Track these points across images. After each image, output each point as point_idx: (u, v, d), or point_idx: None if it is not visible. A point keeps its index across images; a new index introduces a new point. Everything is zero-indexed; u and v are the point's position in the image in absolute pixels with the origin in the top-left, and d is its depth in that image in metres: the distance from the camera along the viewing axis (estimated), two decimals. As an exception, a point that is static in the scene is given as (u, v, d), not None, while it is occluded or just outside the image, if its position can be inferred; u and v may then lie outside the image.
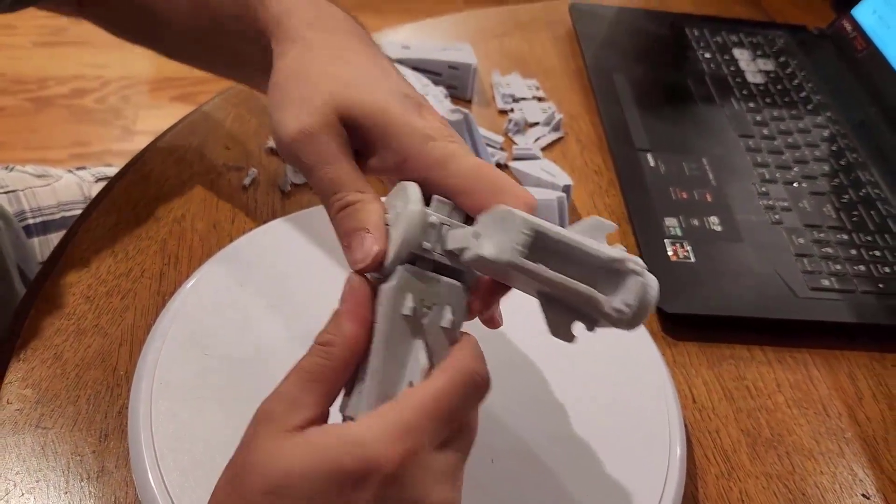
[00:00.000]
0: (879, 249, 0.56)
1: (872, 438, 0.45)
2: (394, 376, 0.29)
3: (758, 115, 0.68)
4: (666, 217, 0.55)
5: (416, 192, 0.31)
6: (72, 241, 0.48)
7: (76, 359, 0.42)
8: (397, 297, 0.29)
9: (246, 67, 0.45)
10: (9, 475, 0.36)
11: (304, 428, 0.27)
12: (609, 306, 0.28)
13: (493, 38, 0.74)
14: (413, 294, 0.30)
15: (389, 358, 0.29)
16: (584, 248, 0.28)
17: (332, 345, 0.29)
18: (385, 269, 0.31)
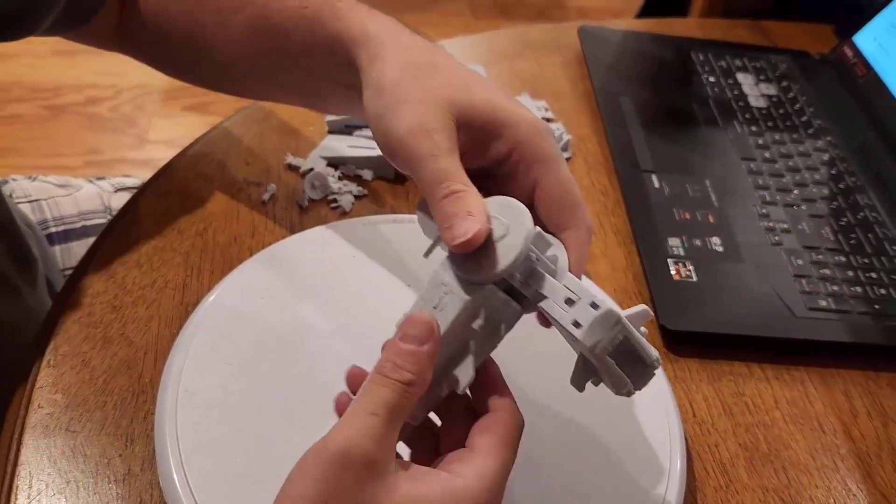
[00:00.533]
0: (876, 271, 0.57)
1: (866, 455, 0.47)
2: (440, 380, 0.32)
3: (760, 138, 0.70)
4: (669, 237, 0.57)
5: (528, 212, 0.32)
6: (99, 252, 0.50)
7: (103, 366, 0.44)
8: (475, 310, 0.32)
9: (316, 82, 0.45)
10: (41, 475, 0.38)
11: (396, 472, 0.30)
12: (628, 388, 0.32)
13: (505, 60, 0.76)
14: (486, 310, 0.32)
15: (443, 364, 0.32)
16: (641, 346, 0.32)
17: (413, 385, 0.30)
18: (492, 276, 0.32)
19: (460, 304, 0.32)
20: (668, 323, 0.51)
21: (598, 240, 0.58)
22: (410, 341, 0.31)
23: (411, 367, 0.30)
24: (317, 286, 0.46)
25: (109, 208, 0.74)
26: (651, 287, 0.53)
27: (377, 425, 0.29)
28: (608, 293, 0.51)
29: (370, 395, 0.30)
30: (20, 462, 0.39)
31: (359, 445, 0.29)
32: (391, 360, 0.31)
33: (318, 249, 0.49)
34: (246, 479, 0.37)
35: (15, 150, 0.92)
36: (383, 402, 0.30)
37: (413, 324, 0.31)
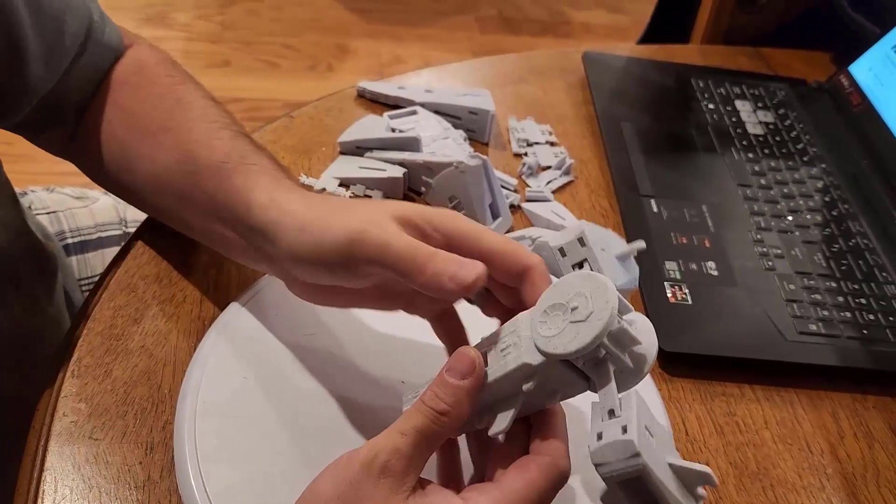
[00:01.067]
0: (865, 297, 0.60)
1: (852, 475, 0.49)
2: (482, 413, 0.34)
3: (756, 165, 0.72)
4: (666, 261, 0.59)
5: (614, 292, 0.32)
6: (120, 266, 0.52)
7: (124, 377, 0.46)
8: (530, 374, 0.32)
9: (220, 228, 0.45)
10: (66, 481, 0.40)
11: (413, 489, 0.32)
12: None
13: (510, 84, 0.79)
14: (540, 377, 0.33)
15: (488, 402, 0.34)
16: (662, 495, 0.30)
17: (448, 416, 0.33)
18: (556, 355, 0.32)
19: (517, 362, 0.33)
20: (663, 344, 0.53)
21: (598, 262, 0.60)
22: (453, 375, 0.33)
23: (448, 398, 0.33)
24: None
25: (125, 220, 0.76)
26: (648, 309, 0.55)
27: (404, 444, 0.32)
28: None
29: (407, 417, 0.33)
30: (46, 468, 0.41)
31: (382, 457, 0.32)
32: (433, 389, 0.33)
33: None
34: (261, 488, 0.39)
35: (29, 157, 0.95)
36: (415, 426, 0.32)
37: (459, 359, 0.33)
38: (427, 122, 0.66)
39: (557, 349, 0.32)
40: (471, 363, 0.33)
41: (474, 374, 0.33)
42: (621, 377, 0.33)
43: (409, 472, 0.32)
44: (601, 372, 0.32)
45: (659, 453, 0.30)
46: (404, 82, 0.74)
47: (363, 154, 0.63)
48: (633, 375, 0.33)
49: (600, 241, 0.37)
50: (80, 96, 0.52)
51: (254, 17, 2.20)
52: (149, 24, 2.09)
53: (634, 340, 0.32)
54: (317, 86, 1.95)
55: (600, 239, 0.37)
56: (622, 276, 0.37)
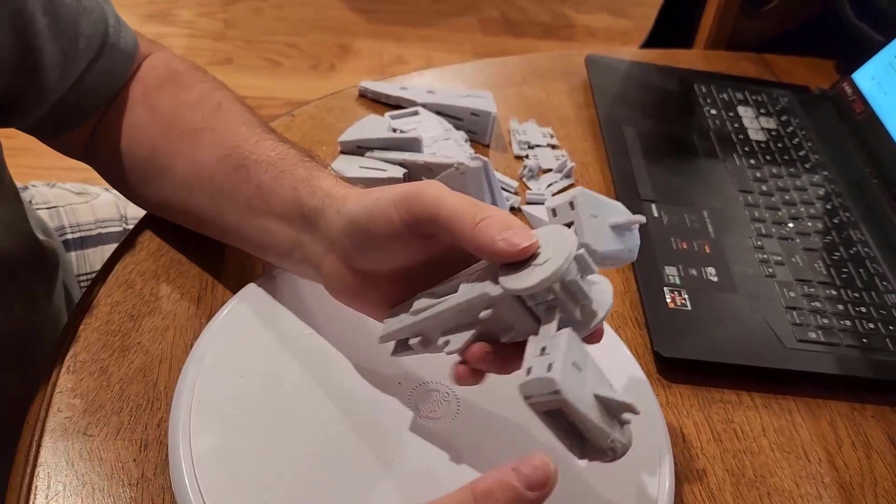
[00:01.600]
0: (865, 306, 0.59)
1: (849, 484, 0.49)
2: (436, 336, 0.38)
3: (758, 171, 0.72)
4: (666, 266, 0.59)
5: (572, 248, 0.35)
6: (118, 263, 0.52)
7: (120, 373, 0.46)
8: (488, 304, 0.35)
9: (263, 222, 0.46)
10: (59, 477, 0.40)
11: None
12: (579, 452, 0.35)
13: (512, 86, 0.79)
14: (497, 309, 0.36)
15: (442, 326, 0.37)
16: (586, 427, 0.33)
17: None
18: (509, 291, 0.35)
19: (478, 292, 0.36)
20: (662, 350, 0.53)
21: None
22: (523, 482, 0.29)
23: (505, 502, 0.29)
24: (329, 301, 0.48)
25: (125, 216, 0.76)
26: (647, 314, 0.55)
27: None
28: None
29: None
30: (39, 463, 0.41)
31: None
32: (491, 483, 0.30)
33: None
34: (255, 488, 0.39)
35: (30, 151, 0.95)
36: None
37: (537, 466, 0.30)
38: (428, 122, 0.66)
39: (511, 285, 0.35)
40: (545, 477, 0.29)
41: (546, 488, 0.29)
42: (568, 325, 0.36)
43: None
44: (549, 315, 0.36)
45: (588, 386, 0.33)
46: (406, 83, 0.74)
47: (364, 154, 0.63)
48: (580, 328, 0.36)
49: (597, 208, 0.38)
50: (96, 100, 0.52)
51: (257, 15, 2.20)
52: (152, 21, 2.09)
53: (586, 296, 0.36)
54: (318, 85, 1.95)
55: (597, 206, 0.39)
56: (610, 244, 0.38)
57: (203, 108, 0.50)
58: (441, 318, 0.39)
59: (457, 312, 0.38)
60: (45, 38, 0.46)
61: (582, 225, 0.37)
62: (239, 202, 0.46)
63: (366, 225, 0.39)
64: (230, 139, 0.48)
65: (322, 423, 0.42)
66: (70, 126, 0.53)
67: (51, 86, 0.48)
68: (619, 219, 0.39)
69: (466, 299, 0.37)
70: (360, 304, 0.44)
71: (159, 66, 0.53)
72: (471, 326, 0.38)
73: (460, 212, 0.36)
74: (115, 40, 0.51)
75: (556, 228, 0.36)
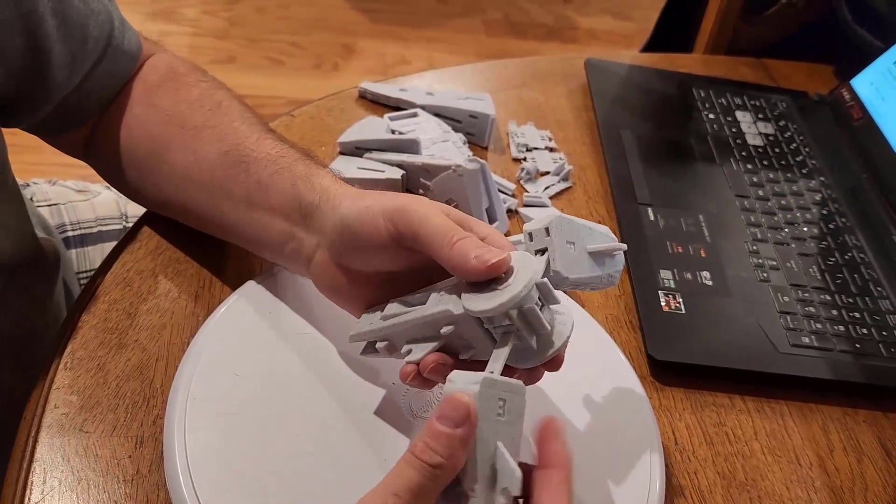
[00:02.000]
0: (859, 311, 0.60)
1: (840, 489, 0.49)
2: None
3: (755, 176, 0.72)
4: (661, 269, 0.59)
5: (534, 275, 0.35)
6: (117, 261, 0.52)
7: (117, 370, 0.46)
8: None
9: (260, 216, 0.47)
10: (55, 472, 0.41)
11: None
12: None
13: (512, 89, 0.79)
14: (458, 328, 0.36)
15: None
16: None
17: (443, 468, 0.31)
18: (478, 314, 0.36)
19: (441, 308, 0.37)
20: (655, 353, 0.53)
21: (594, 268, 0.61)
22: (446, 423, 0.31)
23: (442, 449, 0.31)
24: (323, 302, 0.49)
25: (125, 215, 0.77)
26: (641, 317, 0.56)
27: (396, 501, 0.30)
28: (600, 321, 0.54)
29: (397, 474, 0.31)
30: (35, 459, 0.41)
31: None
32: (424, 440, 0.31)
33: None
34: (249, 485, 0.39)
35: (33, 148, 0.95)
36: (407, 485, 0.30)
37: (452, 405, 0.31)
38: (427, 124, 0.66)
39: (470, 305, 0.36)
40: (465, 409, 0.31)
41: (468, 421, 0.31)
42: (524, 353, 0.37)
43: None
44: (503, 341, 0.36)
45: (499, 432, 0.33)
46: (406, 84, 0.74)
47: (362, 155, 0.63)
48: (535, 356, 0.37)
49: (576, 234, 0.39)
50: (99, 100, 0.52)
51: (260, 14, 2.20)
52: (156, 19, 2.10)
53: (543, 325, 0.36)
54: (321, 84, 1.95)
55: (576, 232, 0.39)
56: (586, 270, 0.39)
57: (203, 107, 0.50)
58: (406, 328, 0.40)
59: (421, 325, 0.39)
60: (54, 39, 0.47)
61: (555, 251, 0.38)
62: (237, 197, 0.47)
63: (355, 229, 0.41)
64: (230, 137, 0.48)
65: (316, 422, 0.43)
66: (72, 126, 0.53)
67: (57, 86, 0.49)
68: (598, 245, 0.39)
69: (430, 313, 0.38)
70: (343, 300, 0.45)
71: (161, 65, 0.54)
72: (434, 339, 0.39)
73: (440, 232, 0.37)
74: (119, 42, 0.52)
75: (525, 255, 0.37)
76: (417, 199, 0.40)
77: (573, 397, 0.47)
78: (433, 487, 0.31)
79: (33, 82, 0.47)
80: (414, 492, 0.30)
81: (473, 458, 0.32)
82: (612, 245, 0.40)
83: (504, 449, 0.32)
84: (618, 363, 0.50)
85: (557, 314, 0.37)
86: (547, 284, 0.36)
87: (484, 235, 0.39)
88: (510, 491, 0.31)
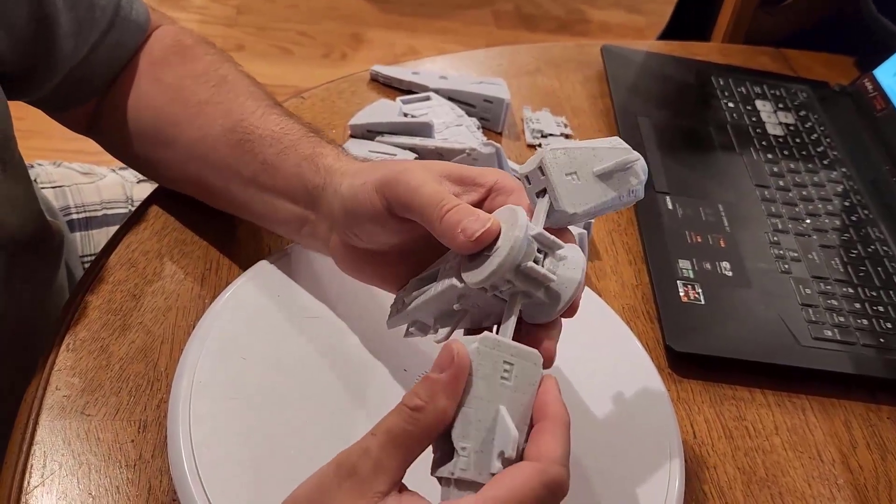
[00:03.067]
0: (883, 305, 0.58)
1: (863, 486, 0.48)
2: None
3: (775, 166, 0.70)
4: (680, 259, 0.58)
5: (521, 232, 0.33)
6: (121, 242, 0.51)
7: (120, 353, 0.45)
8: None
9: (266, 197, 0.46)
10: (55, 456, 0.39)
11: (385, 494, 0.29)
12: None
13: (527, 75, 0.77)
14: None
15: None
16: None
17: (422, 412, 0.30)
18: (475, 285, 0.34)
19: (446, 284, 0.36)
20: (674, 344, 0.51)
21: (609, 257, 0.59)
22: (434, 369, 0.31)
23: (423, 393, 0.30)
24: (333, 285, 0.47)
25: (131, 199, 0.75)
26: (659, 307, 0.54)
27: (373, 444, 0.30)
28: (617, 310, 0.52)
29: (382, 419, 0.31)
30: (35, 441, 0.40)
31: (347, 458, 0.30)
32: (415, 392, 0.31)
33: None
34: (254, 470, 0.38)
35: (42, 133, 0.94)
36: (385, 426, 0.30)
37: (441, 353, 0.31)
38: (440, 108, 0.65)
39: (468, 278, 0.34)
40: (449, 356, 0.30)
41: (454, 367, 0.30)
42: (538, 308, 0.35)
43: (378, 475, 0.29)
44: (512, 302, 0.34)
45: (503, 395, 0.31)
46: (419, 68, 0.73)
47: (374, 138, 0.62)
48: (549, 308, 0.35)
49: (576, 162, 0.35)
50: (106, 73, 0.51)
51: (269, 2, 2.19)
52: (164, 5, 2.07)
53: (547, 278, 0.34)
54: (329, 73, 1.91)
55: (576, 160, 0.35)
56: (597, 196, 0.35)
57: (209, 81, 0.49)
58: (424, 309, 0.38)
59: (434, 303, 0.37)
60: (60, 7, 0.46)
61: (555, 189, 0.35)
62: (245, 177, 0.46)
63: (353, 208, 0.40)
64: (235, 112, 0.47)
65: (324, 408, 0.41)
66: (79, 100, 0.52)
67: (64, 56, 0.48)
68: (605, 165, 0.36)
69: (438, 291, 0.37)
70: (367, 278, 0.44)
71: (167, 38, 0.53)
72: (453, 315, 0.37)
73: (430, 203, 0.36)
74: (127, 12, 0.51)
75: (513, 212, 0.34)
76: (411, 166, 0.38)
77: (590, 387, 0.45)
78: (412, 432, 0.30)
79: (40, 52, 0.46)
80: (390, 432, 0.30)
81: (467, 416, 0.30)
82: (621, 160, 0.36)
83: (506, 413, 0.30)
84: (636, 354, 0.49)
85: (563, 260, 0.34)
86: (543, 234, 0.34)
87: (491, 183, 0.37)
88: (506, 453, 0.30)
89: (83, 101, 0.52)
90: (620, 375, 0.47)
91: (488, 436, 0.30)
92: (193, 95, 0.49)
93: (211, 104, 0.48)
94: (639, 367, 0.48)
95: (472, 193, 0.37)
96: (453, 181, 0.38)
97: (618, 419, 0.45)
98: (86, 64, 0.50)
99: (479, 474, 0.30)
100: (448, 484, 0.30)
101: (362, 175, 0.40)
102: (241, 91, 0.49)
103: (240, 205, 0.48)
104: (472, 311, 0.37)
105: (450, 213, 0.35)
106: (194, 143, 0.48)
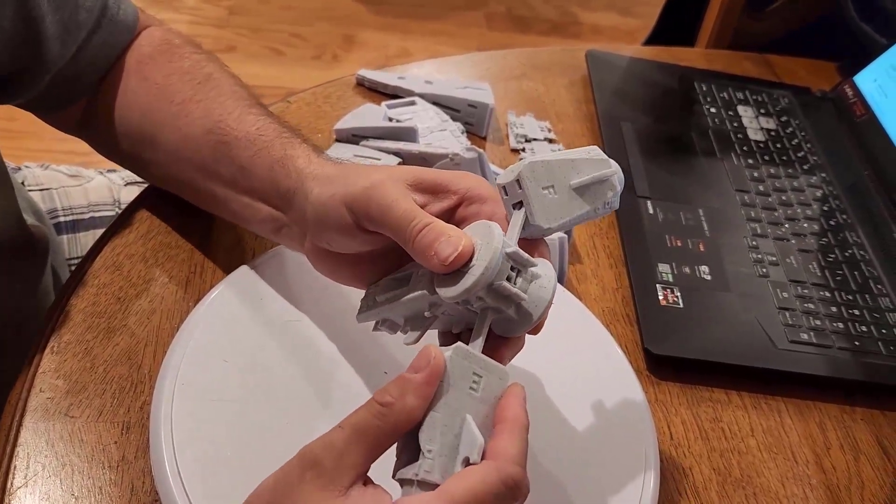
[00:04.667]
0: (859, 309, 0.59)
1: (836, 486, 0.49)
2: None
3: (756, 171, 0.71)
4: (660, 263, 0.59)
5: (497, 247, 0.33)
6: (107, 245, 0.52)
7: (105, 355, 0.45)
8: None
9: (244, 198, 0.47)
10: (39, 458, 0.40)
11: (348, 487, 0.30)
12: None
13: (512, 79, 0.78)
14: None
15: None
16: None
17: (391, 408, 0.31)
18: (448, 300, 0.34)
19: (419, 291, 0.37)
20: (652, 347, 0.52)
21: (591, 260, 0.60)
22: (409, 369, 0.32)
23: (394, 390, 0.31)
24: (313, 289, 0.48)
25: (118, 201, 0.76)
26: (638, 311, 0.55)
27: (338, 438, 0.30)
28: (597, 314, 0.53)
29: (351, 413, 0.31)
30: (19, 443, 0.40)
31: (310, 451, 0.31)
32: (386, 390, 0.31)
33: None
34: (235, 471, 0.39)
35: (32, 134, 0.94)
36: (353, 419, 0.31)
37: (418, 355, 0.32)
38: (425, 113, 0.65)
39: (441, 291, 0.35)
40: (426, 359, 0.31)
41: (428, 369, 0.31)
42: (507, 323, 0.36)
43: (341, 469, 0.30)
44: (482, 316, 0.35)
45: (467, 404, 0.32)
46: (405, 72, 0.74)
47: (359, 142, 0.63)
48: (517, 325, 0.35)
49: (554, 174, 0.36)
50: (94, 73, 0.52)
51: (262, 3, 2.19)
52: (155, 6, 2.08)
53: (518, 297, 0.34)
54: (321, 75, 1.92)
55: (554, 173, 0.36)
56: (573, 210, 0.36)
57: (194, 79, 0.50)
58: (395, 311, 0.39)
59: (406, 307, 0.38)
60: (45, 8, 0.46)
61: (531, 203, 0.35)
62: (225, 178, 0.47)
63: (322, 219, 0.40)
64: (215, 112, 0.48)
65: (304, 410, 0.42)
66: (69, 101, 0.53)
67: (51, 58, 0.48)
68: (582, 179, 0.36)
69: (410, 298, 0.37)
70: (342, 279, 0.44)
71: (155, 37, 0.53)
72: (424, 319, 0.38)
73: (401, 225, 0.36)
74: (114, 12, 0.51)
75: (486, 227, 0.35)
76: (380, 179, 0.38)
77: (569, 390, 0.46)
78: (379, 426, 0.31)
79: (27, 54, 0.47)
80: (356, 426, 0.31)
81: (435, 421, 0.31)
82: (598, 174, 0.37)
83: (472, 421, 0.31)
84: (614, 357, 0.49)
85: (536, 278, 0.35)
86: (518, 252, 0.34)
87: (464, 190, 0.38)
88: (471, 458, 0.31)
89: (72, 102, 0.53)
90: (599, 378, 0.48)
91: (454, 441, 0.31)
92: (177, 94, 0.49)
93: (193, 102, 0.49)
94: (617, 369, 0.49)
95: (445, 201, 0.38)
96: (424, 189, 0.38)
97: (595, 421, 0.45)
98: (73, 65, 0.50)
99: (442, 477, 0.30)
100: (410, 485, 0.31)
101: (331, 186, 0.40)
102: (224, 90, 0.49)
103: (222, 206, 0.49)
104: (442, 317, 0.38)
105: (422, 233, 0.35)
106: (176, 142, 0.49)
